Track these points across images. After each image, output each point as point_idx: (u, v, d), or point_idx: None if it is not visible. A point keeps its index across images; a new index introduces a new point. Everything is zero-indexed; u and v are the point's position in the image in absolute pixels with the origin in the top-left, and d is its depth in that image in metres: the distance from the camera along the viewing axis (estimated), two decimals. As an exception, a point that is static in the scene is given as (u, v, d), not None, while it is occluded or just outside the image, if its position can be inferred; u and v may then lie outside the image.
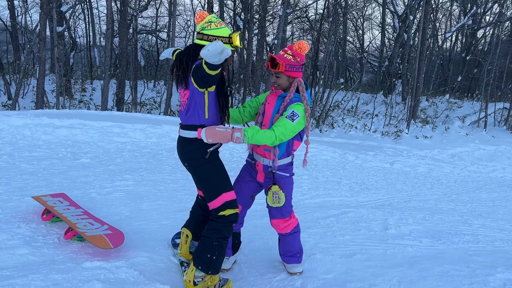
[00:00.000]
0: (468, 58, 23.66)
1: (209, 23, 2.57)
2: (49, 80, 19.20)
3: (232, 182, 2.88)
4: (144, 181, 5.23)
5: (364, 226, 4.41)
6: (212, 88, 2.63)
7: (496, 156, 13.86)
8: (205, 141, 2.49)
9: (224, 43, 2.49)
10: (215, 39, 2.51)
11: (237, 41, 2.60)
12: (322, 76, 17.90)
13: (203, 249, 2.71)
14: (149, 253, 3.19)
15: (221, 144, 2.77)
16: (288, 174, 2.92)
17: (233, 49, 2.64)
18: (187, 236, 3.06)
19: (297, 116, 2.65)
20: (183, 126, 2.73)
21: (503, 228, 5.34)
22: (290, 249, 3.08)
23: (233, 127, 2.57)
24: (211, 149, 2.69)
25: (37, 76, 12.05)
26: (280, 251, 3.14)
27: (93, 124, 8.02)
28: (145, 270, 2.92)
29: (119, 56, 16.06)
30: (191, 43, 2.79)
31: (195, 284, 2.73)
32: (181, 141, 2.77)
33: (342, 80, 25.47)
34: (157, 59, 25.25)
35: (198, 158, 2.70)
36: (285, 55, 2.72)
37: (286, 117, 2.64)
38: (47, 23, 13.43)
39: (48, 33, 15.23)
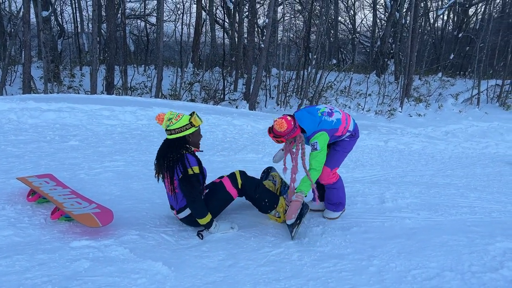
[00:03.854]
0: (460, 35, 23.50)
1: (169, 120, 3.03)
2: (37, 67, 18.81)
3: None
4: (135, 161, 5.10)
5: (361, 200, 4.33)
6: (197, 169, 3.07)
7: (489, 132, 13.85)
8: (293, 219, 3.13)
9: (187, 129, 3.04)
10: (180, 131, 3.03)
11: (197, 121, 3.07)
12: (315, 57, 17.67)
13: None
14: (140, 231, 3.09)
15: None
16: (348, 139, 3.57)
17: (197, 128, 3.12)
18: None
19: (315, 142, 3.24)
20: (180, 209, 3.18)
21: (499, 200, 5.30)
22: (330, 198, 3.67)
23: (291, 201, 3.20)
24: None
25: (23, 60, 11.71)
26: (324, 198, 3.74)
27: (81, 108, 7.82)
28: (135, 247, 2.82)
29: (108, 40, 15.69)
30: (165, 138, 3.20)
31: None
32: (187, 219, 3.21)
33: (334, 61, 25.25)
34: (147, 43, 24.78)
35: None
36: (278, 130, 3.19)
37: (311, 151, 3.28)
38: (32, 6, 13.04)
39: (34, 18, 14.82)
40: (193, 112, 3.13)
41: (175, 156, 3.03)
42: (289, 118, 3.21)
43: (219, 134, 7.80)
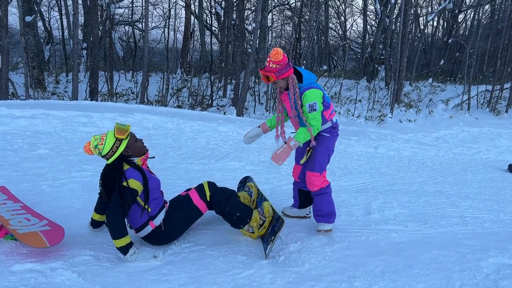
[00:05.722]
0: (450, 41, 23.50)
1: (97, 148, 2.82)
2: (22, 73, 18.37)
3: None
4: (105, 171, 4.76)
5: (345, 212, 4.04)
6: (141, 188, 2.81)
7: (480, 138, 13.70)
8: (278, 165, 3.02)
9: (117, 147, 2.80)
10: (113, 152, 2.81)
11: (122, 133, 2.81)
12: (304, 62, 17.47)
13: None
14: (95, 251, 2.77)
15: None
16: (328, 134, 3.34)
17: (127, 138, 2.84)
18: None
19: (314, 103, 3.06)
20: (140, 228, 2.90)
21: (492, 209, 5.05)
22: (319, 209, 3.36)
23: (285, 142, 3.08)
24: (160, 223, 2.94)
25: (0, 66, 11.33)
26: (313, 211, 3.46)
27: (57, 114, 7.47)
28: (86, 271, 2.50)
29: (91, 45, 15.34)
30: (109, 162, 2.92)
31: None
32: (149, 237, 2.93)
33: (325, 67, 25.11)
34: (134, 49, 24.44)
35: (168, 229, 2.95)
36: (270, 65, 3.00)
37: (309, 112, 3.07)
38: (15, 11, 12.68)
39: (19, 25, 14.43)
40: (115, 124, 2.88)
41: (114, 180, 2.80)
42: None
43: (201, 141, 7.49)
